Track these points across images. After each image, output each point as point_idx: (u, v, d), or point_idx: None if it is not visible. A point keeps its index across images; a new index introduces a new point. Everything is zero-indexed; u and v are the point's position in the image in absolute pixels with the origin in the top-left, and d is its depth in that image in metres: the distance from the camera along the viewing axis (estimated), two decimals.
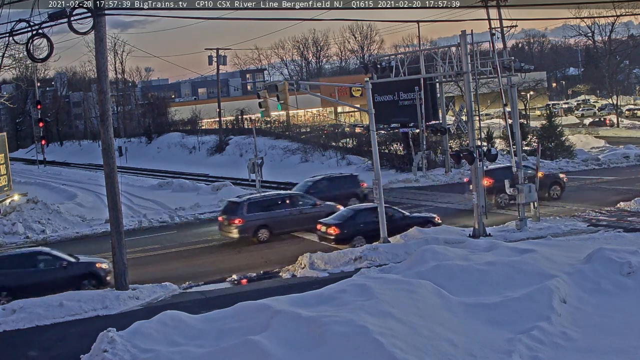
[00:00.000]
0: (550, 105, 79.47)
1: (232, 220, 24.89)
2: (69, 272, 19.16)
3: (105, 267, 19.69)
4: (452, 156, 24.32)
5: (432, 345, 10.90)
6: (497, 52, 25.03)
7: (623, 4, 54.43)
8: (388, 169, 43.50)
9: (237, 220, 24.73)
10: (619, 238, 20.14)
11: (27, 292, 17.84)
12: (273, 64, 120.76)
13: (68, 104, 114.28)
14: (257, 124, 64.24)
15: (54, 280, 18.75)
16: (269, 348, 10.81)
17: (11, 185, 34.19)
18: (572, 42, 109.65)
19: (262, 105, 23.56)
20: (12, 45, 25.85)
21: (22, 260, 19.34)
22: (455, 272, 14.94)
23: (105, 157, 18.00)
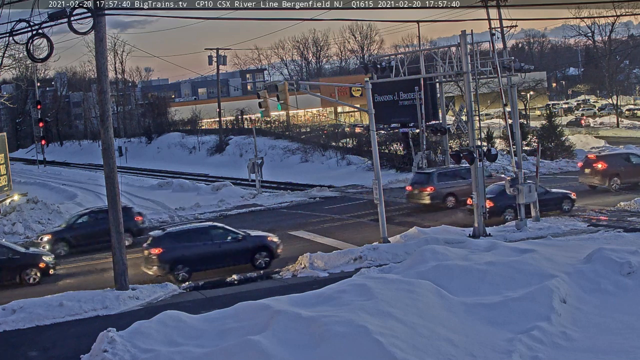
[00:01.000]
0: (550, 105, 79.46)
1: None
2: (243, 245, 20.94)
3: (276, 241, 21.23)
4: (452, 156, 24.31)
5: (432, 345, 10.91)
6: (497, 52, 25.01)
7: (623, 4, 54.46)
8: (388, 169, 43.51)
9: None
10: (619, 238, 20.13)
11: (205, 264, 20.21)
12: (273, 64, 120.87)
13: (68, 104, 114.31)
14: (257, 124, 64.30)
15: (230, 253, 20.72)
16: (269, 348, 10.81)
17: (11, 185, 34.19)
18: (572, 42, 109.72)
19: (262, 105, 23.57)
20: (12, 45, 25.89)
21: (199, 234, 21.03)
22: (455, 272, 14.94)
23: (105, 157, 18.01)
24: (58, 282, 21.67)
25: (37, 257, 21.63)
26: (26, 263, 21.25)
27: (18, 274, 21.00)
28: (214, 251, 20.59)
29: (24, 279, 21.04)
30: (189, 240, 20.56)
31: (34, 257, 21.61)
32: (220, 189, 40.24)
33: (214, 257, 20.52)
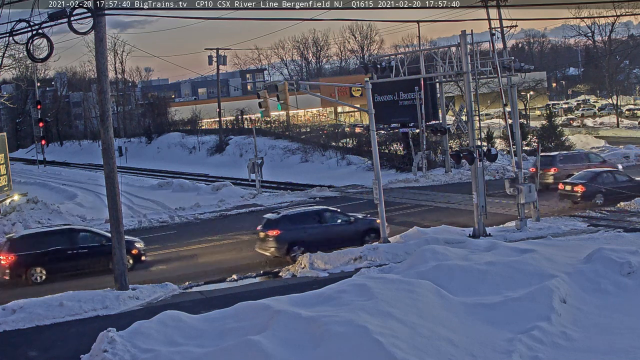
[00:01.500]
0: (550, 105, 79.48)
1: None
2: (354, 227, 22.33)
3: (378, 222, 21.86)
4: (452, 156, 24.32)
5: (432, 345, 10.90)
6: (497, 52, 25.01)
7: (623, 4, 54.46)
8: (388, 169, 43.51)
9: None
10: (619, 238, 20.13)
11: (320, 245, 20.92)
12: (273, 64, 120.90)
13: (68, 104, 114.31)
14: (257, 124, 64.32)
15: (343, 234, 22.04)
16: (269, 348, 10.81)
17: (11, 185, 34.18)
18: (572, 42, 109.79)
19: (262, 105, 23.56)
20: (12, 45, 25.86)
21: (313, 217, 22.34)
22: (455, 272, 14.94)
23: (105, 157, 18.00)
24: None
25: (130, 244, 21.48)
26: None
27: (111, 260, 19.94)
28: (329, 233, 21.93)
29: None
30: (304, 223, 21.82)
31: (127, 244, 20.65)
32: (220, 189, 40.25)
33: (328, 239, 21.70)
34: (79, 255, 21.60)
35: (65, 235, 22.13)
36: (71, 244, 21.88)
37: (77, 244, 21.92)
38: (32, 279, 21.04)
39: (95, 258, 21.59)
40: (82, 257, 21.54)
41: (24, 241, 21.64)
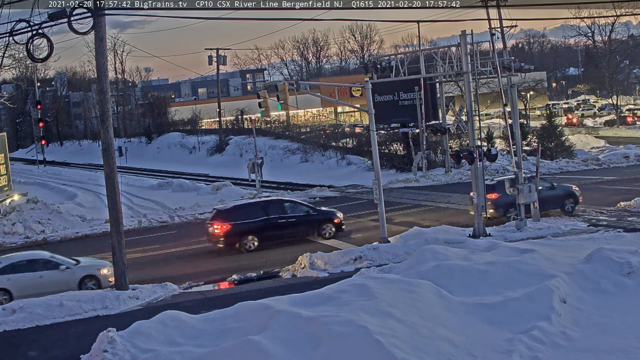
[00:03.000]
0: (550, 105, 79.46)
1: None
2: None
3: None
4: (452, 156, 24.31)
5: (432, 345, 10.90)
6: (497, 52, 25.01)
7: (623, 4, 54.46)
8: (388, 169, 43.51)
9: None
10: (619, 238, 20.11)
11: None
12: (273, 64, 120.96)
13: (68, 104, 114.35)
14: (257, 124, 64.33)
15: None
16: (269, 348, 10.81)
17: (11, 185, 34.20)
18: (572, 42, 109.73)
19: (262, 105, 23.56)
20: (12, 45, 25.85)
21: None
22: (455, 272, 14.93)
23: (105, 157, 18.00)
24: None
25: (332, 214, 24.61)
26: (323, 219, 24.31)
27: (316, 229, 23.97)
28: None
29: (321, 233, 24.07)
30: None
31: (330, 214, 24.62)
32: (220, 189, 40.25)
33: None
34: (287, 224, 23.90)
35: (275, 205, 24.61)
36: (280, 213, 24.19)
37: (285, 213, 24.25)
38: (245, 247, 23.23)
39: (301, 226, 24.28)
40: (290, 226, 23.83)
41: (237, 211, 23.84)
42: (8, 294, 18.74)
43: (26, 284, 18.90)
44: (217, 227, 23.45)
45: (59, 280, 19.24)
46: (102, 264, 20.32)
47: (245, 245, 23.31)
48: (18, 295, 18.54)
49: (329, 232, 24.43)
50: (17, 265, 19.35)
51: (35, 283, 19.01)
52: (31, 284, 18.89)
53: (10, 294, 18.73)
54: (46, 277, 19.25)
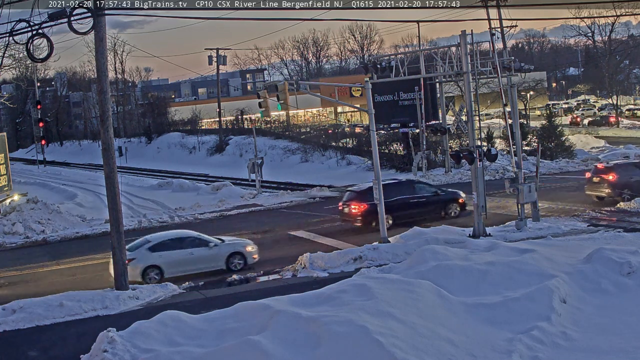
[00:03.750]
0: (550, 105, 79.49)
1: None
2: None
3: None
4: (452, 156, 24.30)
5: (432, 345, 10.90)
6: (497, 52, 25.00)
7: (623, 4, 54.46)
8: (388, 169, 43.50)
9: None
10: (619, 238, 20.11)
11: None
12: (273, 64, 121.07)
13: (68, 104, 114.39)
14: (257, 124, 64.39)
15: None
16: (269, 348, 10.81)
17: (11, 185, 34.20)
18: (572, 42, 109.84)
19: (262, 105, 23.55)
20: (12, 45, 25.85)
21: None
22: (455, 272, 14.93)
23: (105, 157, 17.99)
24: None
25: (457, 194, 26.20)
26: (449, 199, 25.90)
27: (443, 209, 25.55)
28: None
29: (447, 212, 25.53)
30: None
31: (455, 194, 26.28)
32: (220, 189, 40.24)
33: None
34: (417, 204, 25.29)
35: (406, 186, 26.19)
36: (411, 193, 25.64)
37: (417, 193, 25.66)
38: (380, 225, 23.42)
39: (430, 206, 25.70)
40: (420, 206, 25.13)
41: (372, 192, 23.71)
42: (159, 271, 19.90)
43: (177, 260, 20.06)
44: (354, 208, 24.87)
45: (208, 256, 20.49)
46: (246, 242, 21.61)
47: None
48: (168, 271, 19.82)
49: (455, 212, 26.01)
50: (167, 243, 20.41)
51: (186, 260, 20.19)
52: (181, 261, 20.10)
53: (161, 271, 19.91)
54: (196, 254, 20.42)
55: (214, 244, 20.66)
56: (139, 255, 19.91)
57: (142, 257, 19.95)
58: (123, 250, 18.03)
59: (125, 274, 18.11)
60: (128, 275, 18.51)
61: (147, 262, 19.93)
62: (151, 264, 19.90)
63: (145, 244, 20.39)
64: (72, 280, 21.59)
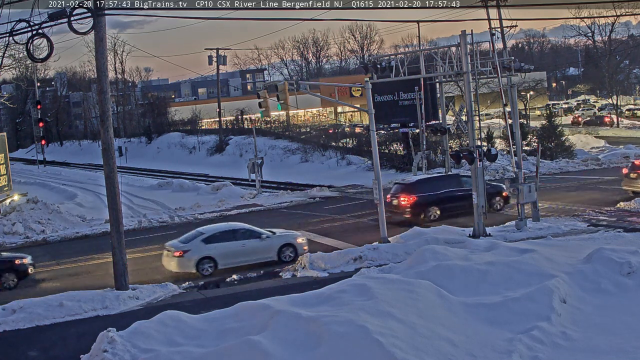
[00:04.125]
0: (550, 105, 79.48)
1: None
2: None
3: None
4: (452, 156, 24.30)
5: (432, 345, 10.90)
6: (497, 52, 24.99)
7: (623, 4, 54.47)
8: (388, 169, 43.51)
9: None
10: (619, 238, 20.11)
11: None
12: (273, 64, 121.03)
13: (68, 104, 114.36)
14: (257, 124, 64.39)
15: None
16: (269, 348, 10.80)
17: (11, 185, 34.19)
18: (572, 42, 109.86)
19: (262, 105, 23.56)
20: (12, 45, 25.84)
21: None
22: (455, 272, 14.93)
23: (105, 157, 18.00)
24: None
25: (501, 187, 26.80)
26: (494, 192, 26.59)
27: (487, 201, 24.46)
28: None
29: (492, 205, 26.21)
30: None
31: (499, 187, 27.13)
32: (220, 189, 40.24)
33: None
34: (463, 197, 25.22)
35: (453, 179, 26.97)
36: (458, 186, 26.32)
37: (462, 186, 26.13)
38: (429, 216, 25.54)
39: None
40: (466, 198, 24.54)
41: (421, 185, 25.93)
42: (213, 262, 20.46)
43: (230, 252, 20.61)
44: (403, 200, 25.77)
45: (260, 248, 21.06)
46: (296, 234, 22.29)
47: (429, 216, 25.79)
48: (222, 262, 20.43)
49: (499, 205, 26.90)
50: (220, 234, 20.97)
51: (239, 251, 20.75)
52: (234, 252, 20.65)
53: (215, 262, 20.46)
54: (249, 246, 20.97)
55: (265, 236, 21.26)
56: (193, 247, 20.46)
57: (197, 249, 20.45)
58: (123, 250, 18.03)
59: (125, 274, 18.12)
60: (183, 266, 20.09)
61: (202, 253, 20.41)
62: (205, 256, 20.38)
63: (198, 236, 20.90)
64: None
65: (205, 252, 20.41)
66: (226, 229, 21.58)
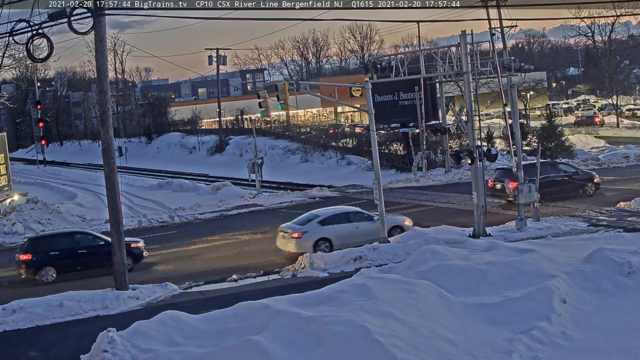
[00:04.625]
0: (550, 105, 79.44)
1: None
2: None
3: None
4: (452, 156, 24.31)
5: (432, 345, 10.90)
6: (497, 52, 24.97)
7: (623, 4, 54.46)
8: (388, 169, 43.50)
9: None
10: (619, 238, 20.12)
11: None
12: (273, 64, 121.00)
13: (68, 104, 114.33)
14: (257, 124, 64.37)
15: None
16: (269, 348, 10.80)
17: (11, 185, 34.20)
18: (572, 42, 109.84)
19: (262, 105, 23.55)
20: (12, 45, 25.83)
21: None
22: (455, 272, 14.93)
23: (105, 157, 17.99)
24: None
25: (593, 175, 29.15)
26: (587, 178, 28.85)
27: (581, 187, 28.47)
28: None
29: (585, 191, 28.26)
30: None
31: (591, 174, 29.18)
32: (220, 189, 40.23)
33: None
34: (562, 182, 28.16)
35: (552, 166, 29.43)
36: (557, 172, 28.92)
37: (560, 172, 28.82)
38: None
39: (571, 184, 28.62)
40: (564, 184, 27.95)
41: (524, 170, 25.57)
42: (329, 243, 21.96)
43: (344, 233, 22.07)
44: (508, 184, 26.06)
45: (372, 230, 22.03)
46: (404, 218, 23.89)
47: None
48: (337, 243, 21.75)
49: (590, 190, 28.62)
50: (336, 217, 22.53)
51: (352, 232, 22.12)
52: (349, 234, 22.06)
53: (331, 243, 21.93)
54: (362, 228, 22.31)
55: (376, 219, 22.19)
56: (310, 229, 22.02)
57: (314, 231, 22.01)
58: (123, 250, 18.03)
59: (125, 274, 18.12)
60: (301, 247, 21.50)
61: (319, 235, 21.97)
62: (322, 237, 21.93)
63: (314, 219, 22.43)
64: None
65: (322, 234, 21.94)
66: (341, 211, 23.14)
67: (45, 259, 21.06)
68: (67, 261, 21.35)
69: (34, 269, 21.03)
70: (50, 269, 21.04)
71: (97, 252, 21.41)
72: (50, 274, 21.03)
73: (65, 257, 21.31)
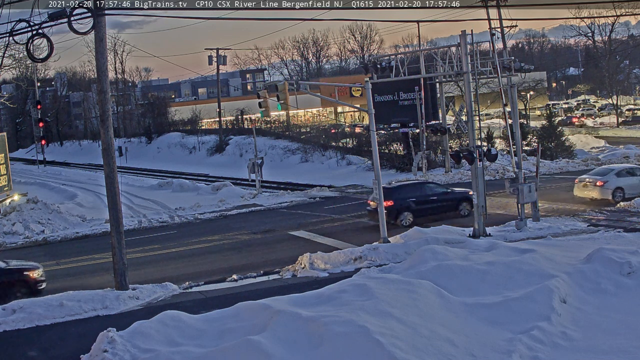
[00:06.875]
0: (550, 105, 79.46)
1: None
2: None
3: None
4: (452, 156, 24.30)
5: (432, 345, 10.90)
6: (497, 52, 25.00)
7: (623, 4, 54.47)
8: (388, 169, 43.50)
9: None
10: (619, 238, 20.12)
11: None
12: (273, 64, 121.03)
13: (68, 104, 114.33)
14: (257, 124, 64.32)
15: None
16: (269, 348, 10.80)
17: (11, 185, 34.20)
18: (572, 42, 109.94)
19: (262, 105, 23.56)
20: (12, 45, 25.87)
21: None
22: (455, 272, 14.93)
23: (105, 157, 17.99)
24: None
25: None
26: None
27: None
28: None
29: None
30: None
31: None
32: (220, 189, 40.25)
33: None
34: None
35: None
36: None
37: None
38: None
39: None
40: None
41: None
42: (622, 192, 27.06)
43: (633, 184, 27.27)
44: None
45: None
46: None
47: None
48: (628, 193, 26.88)
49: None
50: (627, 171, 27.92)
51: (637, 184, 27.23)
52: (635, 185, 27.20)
53: (623, 192, 26.97)
54: None
55: None
56: (610, 179, 27.27)
57: (613, 181, 27.26)
58: (123, 250, 18.02)
59: (126, 274, 18.12)
60: (603, 194, 26.84)
61: (616, 184, 27.19)
62: (618, 186, 27.08)
63: (611, 172, 27.72)
64: None
65: (619, 184, 27.11)
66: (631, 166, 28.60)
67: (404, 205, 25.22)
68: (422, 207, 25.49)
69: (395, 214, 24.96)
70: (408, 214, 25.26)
71: (444, 199, 26.20)
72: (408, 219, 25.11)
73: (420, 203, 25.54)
